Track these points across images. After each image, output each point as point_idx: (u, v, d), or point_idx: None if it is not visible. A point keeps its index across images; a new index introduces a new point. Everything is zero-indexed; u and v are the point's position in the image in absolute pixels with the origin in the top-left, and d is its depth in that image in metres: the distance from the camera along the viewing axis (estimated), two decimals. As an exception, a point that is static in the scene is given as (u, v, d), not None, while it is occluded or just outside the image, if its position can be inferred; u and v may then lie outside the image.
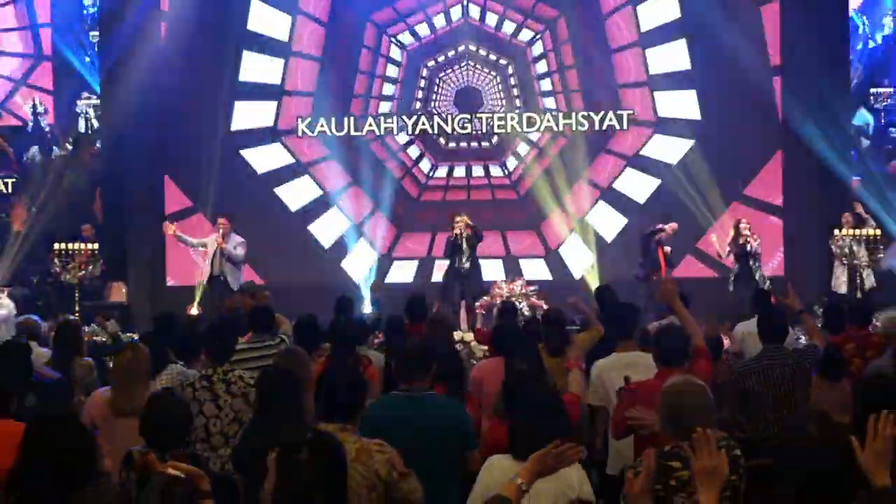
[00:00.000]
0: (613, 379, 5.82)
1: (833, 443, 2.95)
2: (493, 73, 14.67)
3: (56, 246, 13.22)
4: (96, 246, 13.38)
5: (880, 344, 6.86)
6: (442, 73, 14.72)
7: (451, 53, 14.73)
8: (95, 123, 16.01)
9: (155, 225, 14.36)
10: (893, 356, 5.60)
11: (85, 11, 16.03)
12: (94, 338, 10.47)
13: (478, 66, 14.68)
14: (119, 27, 14.51)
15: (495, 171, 14.76)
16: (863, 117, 15.25)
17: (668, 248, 12.77)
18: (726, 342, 8.08)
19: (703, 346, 5.47)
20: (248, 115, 14.78)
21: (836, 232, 12.89)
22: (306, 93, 14.76)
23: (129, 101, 14.31)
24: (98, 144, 15.82)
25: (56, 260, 13.08)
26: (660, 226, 12.93)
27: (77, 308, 12.46)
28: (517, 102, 14.65)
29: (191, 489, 3.77)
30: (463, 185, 14.75)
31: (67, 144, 16.05)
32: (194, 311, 12.50)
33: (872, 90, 15.61)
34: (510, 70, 14.66)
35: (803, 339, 8.01)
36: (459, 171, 14.80)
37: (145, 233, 14.60)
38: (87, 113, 16.11)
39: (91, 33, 15.61)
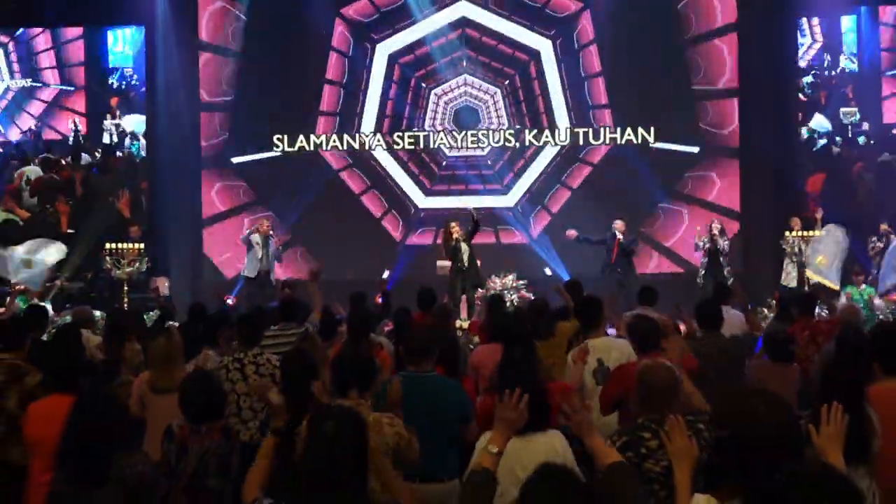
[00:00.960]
0: (588, 363, 5.86)
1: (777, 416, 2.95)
2: (488, 96, 14.54)
3: (107, 245, 13.32)
4: (142, 245, 13.46)
5: (830, 331, 6.88)
6: (443, 96, 14.57)
7: (450, 80, 14.59)
8: (116, 139, 16.34)
9: (193, 226, 14.45)
10: (837, 343, 5.60)
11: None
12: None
13: (474, 89, 14.55)
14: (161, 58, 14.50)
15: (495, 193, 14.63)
16: (821, 124, 15.42)
17: (622, 238, 12.57)
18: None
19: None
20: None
21: (787, 234, 12.88)
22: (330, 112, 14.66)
23: (176, 121, 14.34)
24: (118, 153, 16.08)
25: (108, 258, 13.18)
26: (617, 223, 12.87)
27: (125, 300, 12.47)
28: (507, 121, 14.53)
29: (225, 458, 3.81)
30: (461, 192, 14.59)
31: (96, 153, 16.23)
32: (230, 301, 12.47)
33: (843, 109, 15.58)
34: (502, 94, 14.52)
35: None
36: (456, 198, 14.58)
37: (185, 233, 14.59)
38: (111, 130, 16.32)
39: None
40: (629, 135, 14.30)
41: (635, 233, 13.07)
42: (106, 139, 17.02)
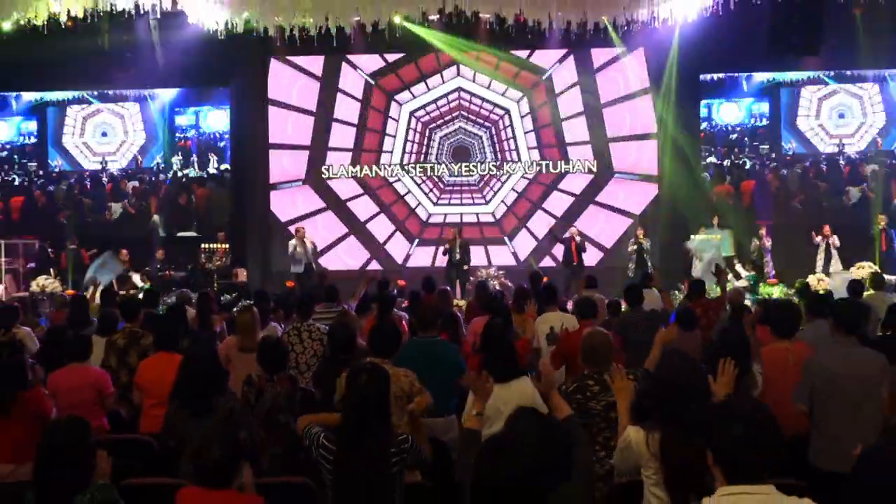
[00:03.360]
0: (543, 330, 5.96)
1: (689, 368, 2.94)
2: (476, 139, 14.41)
3: (203, 245, 13.34)
4: (227, 245, 13.45)
5: (717, 307, 6.93)
6: (444, 138, 14.45)
7: (448, 120, 14.45)
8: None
9: (263, 231, 14.35)
10: (732, 316, 5.57)
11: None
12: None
13: (466, 134, 14.42)
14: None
15: (479, 204, 14.51)
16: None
17: (578, 240, 12.50)
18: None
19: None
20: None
21: (693, 236, 12.76)
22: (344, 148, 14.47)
23: (252, 144, 14.22)
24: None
25: (203, 255, 13.24)
26: (572, 229, 12.85)
27: (215, 286, 12.45)
28: (490, 155, 14.38)
29: (290, 399, 3.80)
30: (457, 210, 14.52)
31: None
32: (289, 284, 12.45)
33: (760, 145, 14.97)
34: (491, 133, 14.39)
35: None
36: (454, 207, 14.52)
37: (258, 236, 14.42)
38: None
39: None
40: (573, 166, 14.17)
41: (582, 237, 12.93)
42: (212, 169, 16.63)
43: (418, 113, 14.41)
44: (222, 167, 14.70)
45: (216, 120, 14.06)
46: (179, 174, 14.48)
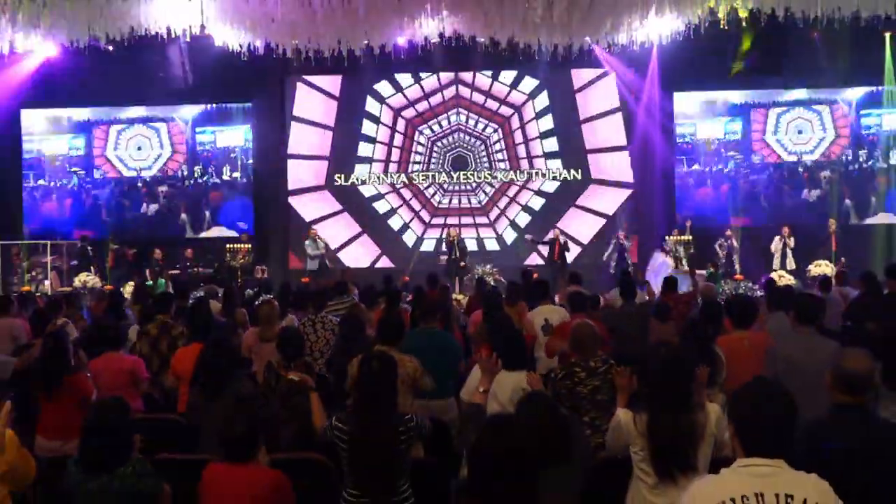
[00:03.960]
0: (539, 321, 5.96)
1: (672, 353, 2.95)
2: (477, 143, 14.41)
3: (228, 245, 13.34)
4: (249, 245, 13.46)
5: (688, 301, 6.96)
6: (440, 144, 14.46)
7: (448, 132, 14.46)
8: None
9: (282, 232, 14.33)
10: (700, 311, 5.59)
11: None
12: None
13: (466, 139, 14.44)
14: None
15: (476, 207, 14.51)
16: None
17: (562, 241, 12.52)
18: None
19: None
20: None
21: (667, 238, 12.77)
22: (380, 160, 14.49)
23: (273, 155, 14.23)
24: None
25: (228, 254, 13.24)
26: (555, 230, 12.84)
27: (239, 281, 12.46)
28: (487, 165, 14.38)
29: (304, 385, 3.80)
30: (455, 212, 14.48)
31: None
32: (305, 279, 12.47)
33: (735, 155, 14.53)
34: (487, 143, 14.39)
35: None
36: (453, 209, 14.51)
37: (277, 237, 14.44)
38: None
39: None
40: (557, 174, 14.15)
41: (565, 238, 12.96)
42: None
43: (422, 126, 14.43)
44: (234, 175, 14.83)
45: (229, 137, 14.41)
46: (199, 181, 14.74)
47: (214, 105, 14.45)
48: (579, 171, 14.14)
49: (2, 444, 1.45)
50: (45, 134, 14.64)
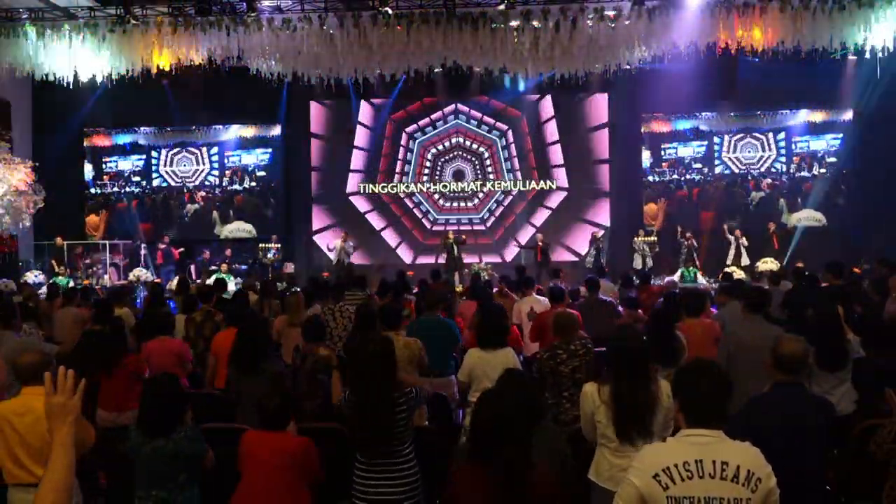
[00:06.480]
0: (525, 309, 5.96)
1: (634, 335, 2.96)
2: (470, 164, 14.36)
3: (260, 245, 13.33)
4: (279, 244, 13.46)
5: (657, 293, 6.93)
6: (442, 158, 14.44)
7: (448, 147, 14.42)
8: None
9: (308, 233, 14.29)
10: (664, 301, 5.61)
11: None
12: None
13: (463, 160, 14.41)
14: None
15: (473, 213, 14.47)
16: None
17: (542, 245, 12.44)
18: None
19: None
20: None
21: (636, 238, 12.79)
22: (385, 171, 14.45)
23: (299, 167, 14.22)
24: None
25: (260, 252, 13.23)
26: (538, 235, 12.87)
27: (269, 276, 12.43)
28: (481, 176, 14.33)
29: (329, 361, 3.82)
30: (455, 219, 14.44)
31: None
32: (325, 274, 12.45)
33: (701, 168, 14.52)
34: (483, 157, 14.34)
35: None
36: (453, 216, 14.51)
37: (303, 238, 14.40)
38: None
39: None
40: (546, 184, 14.13)
41: (550, 240, 12.99)
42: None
43: (424, 143, 14.42)
44: (252, 184, 14.90)
45: (251, 157, 14.68)
46: (228, 188, 14.91)
47: (249, 125, 14.58)
48: (570, 180, 14.11)
49: (80, 413, 1.49)
50: (106, 153, 14.90)
